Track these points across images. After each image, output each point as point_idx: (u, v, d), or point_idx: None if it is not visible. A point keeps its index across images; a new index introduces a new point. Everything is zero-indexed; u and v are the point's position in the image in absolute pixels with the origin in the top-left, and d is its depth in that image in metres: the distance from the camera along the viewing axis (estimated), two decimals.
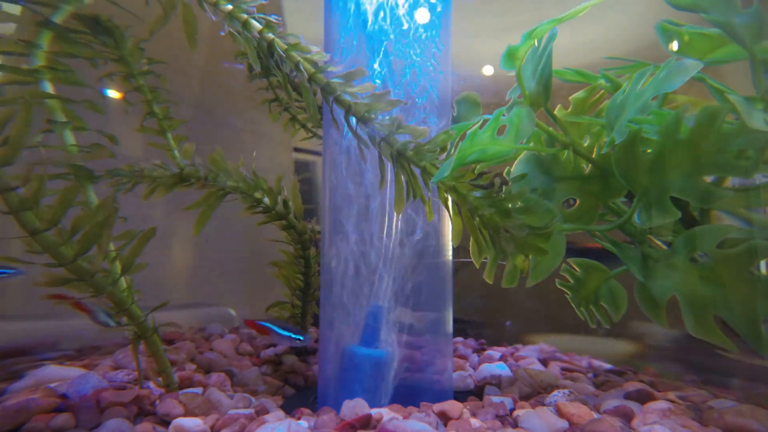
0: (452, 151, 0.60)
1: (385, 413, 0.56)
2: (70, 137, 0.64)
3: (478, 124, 0.62)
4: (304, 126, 1.04)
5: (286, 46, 0.58)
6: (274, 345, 0.99)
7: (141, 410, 0.60)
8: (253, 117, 1.30)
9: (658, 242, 0.67)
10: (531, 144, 0.77)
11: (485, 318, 1.20)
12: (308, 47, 0.59)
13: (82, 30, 0.66)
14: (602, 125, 0.72)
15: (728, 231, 0.58)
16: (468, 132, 0.61)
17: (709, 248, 0.58)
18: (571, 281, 0.76)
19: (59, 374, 0.70)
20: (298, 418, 0.58)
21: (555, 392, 0.65)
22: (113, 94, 0.82)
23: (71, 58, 0.61)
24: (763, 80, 0.60)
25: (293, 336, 0.72)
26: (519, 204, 0.61)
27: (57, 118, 0.62)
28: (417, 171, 0.60)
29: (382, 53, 0.68)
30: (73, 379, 0.64)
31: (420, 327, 0.69)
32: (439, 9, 0.71)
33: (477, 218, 0.61)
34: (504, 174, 0.79)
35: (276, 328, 0.73)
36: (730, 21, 0.60)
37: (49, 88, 0.59)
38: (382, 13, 0.68)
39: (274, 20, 0.59)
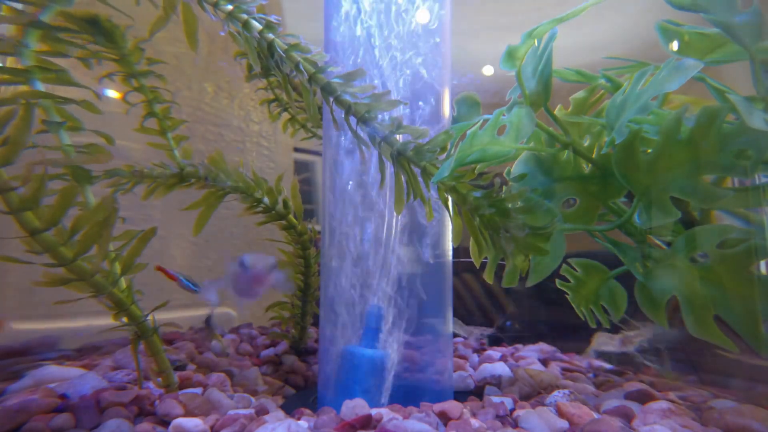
0: (452, 151, 0.60)
1: (385, 413, 0.56)
2: (66, 137, 0.64)
3: (478, 124, 0.62)
4: (303, 126, 1.04)
5: (286, 47, 0.58)
6: (274, 345, 0.99)
7: (141, 410, 0.60)
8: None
9: (658, 242, 0.67)
10: (531, 144, 0.77)
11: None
12: (308, 47, 0.59)
13: (82, 30, 0.66)
14: (602, 125, 0.72)
15: (728, 231, 0.58)
16: (468, 132, 0.61)
17: (709, 248, 0.58)
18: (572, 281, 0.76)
19: (59, 374, 0.70)
20: (298, 418, 0.58)
21: (555, 392, 0.65)
22: (113, 94, 0.82)
23: (63, 57, 0.61)
24: (763, 80, 0.60)
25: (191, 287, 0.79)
26: (519, 204, 0.61)
27: (54, 119, 0.62)
28: (417, 171, 0.60)
29: (382, 53, 0.67)
30: (73, 379, 0.64)
31: (420, 327, 0.69)
32: (438, 9, 0.71)
33: (477, 218, 0.61)
34: (504, 174, 0.79)
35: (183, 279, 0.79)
36: (730, 21, 0.60)
37: (41, 88, 0.58)
38: (381, 13, 0.68)
39: (275, 20, 0.59)
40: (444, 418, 0.57)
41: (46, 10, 0.57)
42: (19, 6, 0.56)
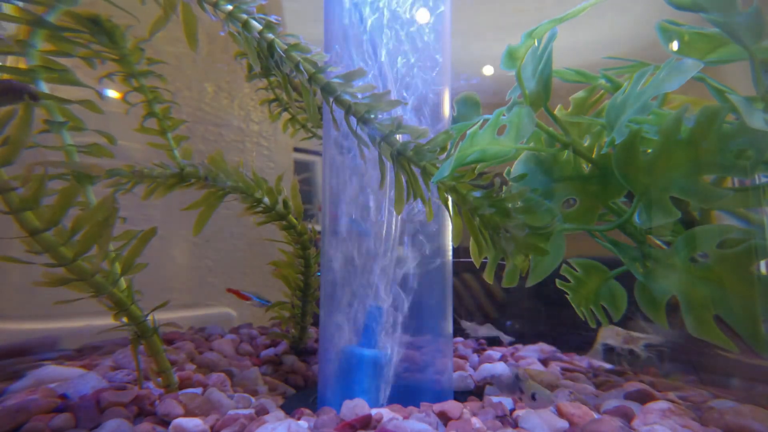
0: (452, 151, 0.60)
1: (385, 413, 0.56)
2: (68, 137, 0.64)
3: (478, 124, 0.62)
4: (304, 126, 1.04)
5: (286, 47, 0.58)
6: (274, 345, 0.99)
7: (141, 410, 0.60)
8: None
9: (658, 242, 0.67)
10: (531, 144, 0.77)
11: None
12: (308, 47, 0.59)
13: (86, 29, 0.66)
14: (602, 125, 0.72)
15: (728, 231, 0.58)
16: (468, 132, 0.61)
17: (709, 248, 0.58)
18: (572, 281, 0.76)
19: (59, 374, 0.70)
20: (298, 418, 0.58)
21: (555, 392, 0.65)
22: (113, 94, 0.82)
23: (68, 57, 0.61)
24: (763, 80, 0.60)
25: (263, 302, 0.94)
26: (519, 204, 0.61)
27: (57, 118, 0.62)
28: (417, 171, 0.60)
29: (381, 52, 0.67)
30: (73, 379, 0.64)
31: (420, 327, 0.69)
32: (438, 9, 0.71)
33: (477, 218, 0.61)
34: (504, 174, 0.79)
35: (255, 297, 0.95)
36: (730, 21, 0.60)
37: (45, 87, 0.59)
38: (381, 13, 0.68)
39: (274, 20, 0.59)
40: (444, 418, 0.57)
41: (53, 10, 0.57)
42: (21, 5, 0.56)
